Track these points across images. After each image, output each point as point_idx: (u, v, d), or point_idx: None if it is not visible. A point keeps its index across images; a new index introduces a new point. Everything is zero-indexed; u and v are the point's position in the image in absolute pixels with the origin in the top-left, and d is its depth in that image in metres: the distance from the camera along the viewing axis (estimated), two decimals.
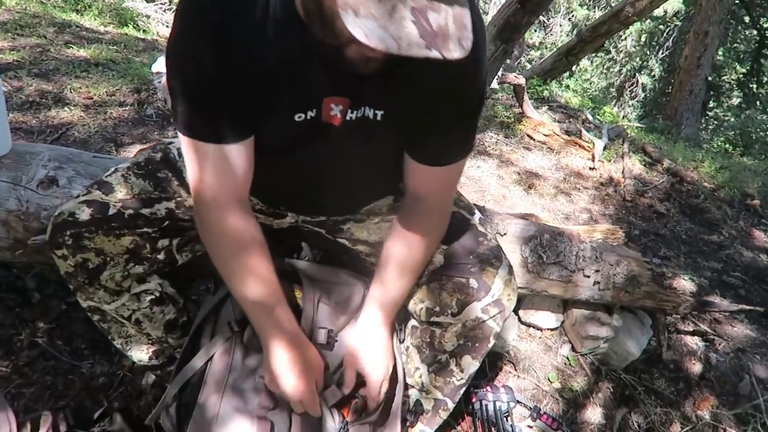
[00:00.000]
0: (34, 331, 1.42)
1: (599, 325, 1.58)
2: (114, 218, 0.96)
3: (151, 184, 1.01)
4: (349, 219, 1.10)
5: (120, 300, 1.04)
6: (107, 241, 0.96)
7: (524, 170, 2.91)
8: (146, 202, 0.99)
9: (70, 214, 0.95)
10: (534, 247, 1.43)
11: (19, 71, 2.70)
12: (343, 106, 0.84)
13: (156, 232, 1.01)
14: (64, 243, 0.95)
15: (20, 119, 2.32)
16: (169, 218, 1.01)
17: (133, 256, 1.00)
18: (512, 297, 1.00)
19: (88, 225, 0.95)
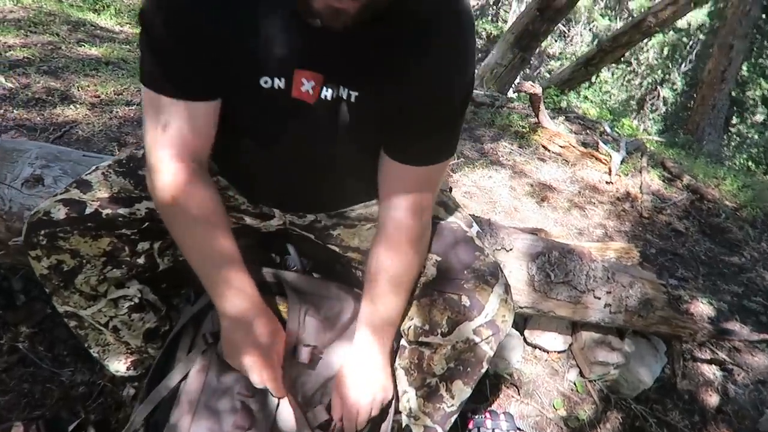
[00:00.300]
0: (15, 336, 1.36)
1: (609, 350, 1.48)
2: (90, 218, 0.92)
3: (131, 183, 0.96)
4: (339, 224, 1.04)
5: (96, 305, 0.99)
6: (83, 242, 0.92)
7: (537, 182, 2.82)
8: (125, 202, 0.95)
9: (45, 213, 0.91)
10: (542, 265, 1.34)
11: (28, 68, 2.68)
12: (316, 82, 0.79)
13: (135, 234, 0.96)
14: (39, 243, 0.91)
15: (24, 116, 2.30)
16: (149, 219, 0.96)
17: (111, 259, 0.95)
18: (508, 318, 0.93)
19: (63, 225, 0.91)
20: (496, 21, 12.55)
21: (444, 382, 0.95)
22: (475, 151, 3.02)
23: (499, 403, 1.45)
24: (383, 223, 0.90)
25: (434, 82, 0.78)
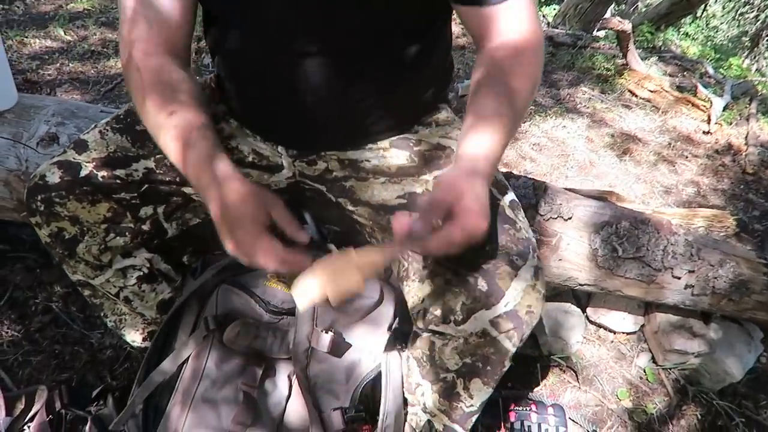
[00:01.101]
0: (50, 295, 1.36)
1: (690, 336, 1.26)
2: (85, 181, 0.86)
3: (128, 139, 0.89)
4: (351, 176, 0.90)
5: (104, 275, 0.94)
6: (81, 207, 0.86)
7: (620, 132, 2.49)
8: (122, 162, 0.88)
9: (41, 177, 0.86)
10: (607, 237, 1.13)
11: (87, 20, 2.68)
12: None
13: (135, 198, 0.89)
14: (37, 209, 0.87)
15: (79, 69, 2.30)
16: (147, 180, 0.89)
17: (113, 226, 0.89)
18: (535, 310, 0.75)
19: (58, 189, 0.85)
20: None
21: (461, 378, 0.81)
22: (549, 98, 2.72)
23: (551, 390, 1.28)
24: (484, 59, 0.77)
25: None
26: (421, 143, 0.89)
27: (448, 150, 0.88)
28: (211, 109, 0.93)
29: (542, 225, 1.12)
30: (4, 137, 1.17)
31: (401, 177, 0.86)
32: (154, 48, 0.79)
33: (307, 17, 0.75)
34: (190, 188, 0.92)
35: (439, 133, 0.91)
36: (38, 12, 2.68)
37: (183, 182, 0.91)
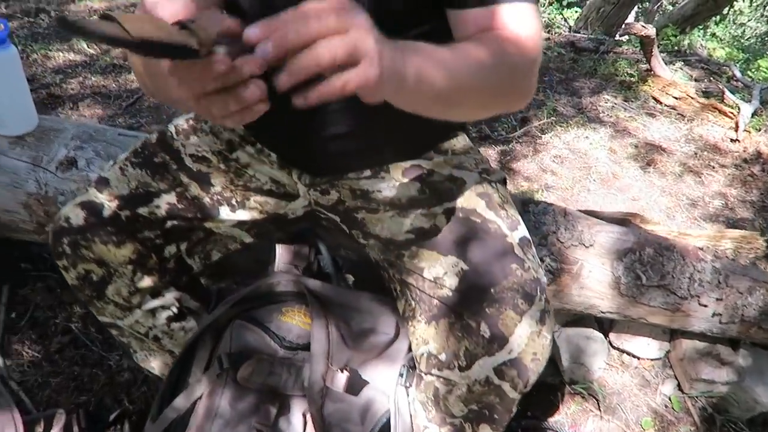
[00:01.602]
0: (69, 316, 1.37)
1: (717, 364, 1.22)
2: (110, 222, 0.86)
3: (148, 173, 0.89)
4: (363, 207, 0.88)
5: (132, 316, 0.94)
6: (106, 249, 0.86)
7: (644, 142, 2.44)
8: (144, 199, 0.88)
9: (65, 220, 0.87)
10: (630, 264, 1.10)
11: None
12: None
13: (159, 237, 0.90)
14: (64, 253, 0.87)
15: (101, 83, 2.32)
16: (171, 216, 0.89)
17: (139, 267, 0.90)
18: (540, 357, 0.73)
19: (83, 231, 0.86)
20: None
21: (469, 423, 0.79)
22: (570, 107, 2.67)
23: (572, 419, 1.25)
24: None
25: None
26: (434, 174, 0.87)
27: (460, 182, 0.85)
28: (227, 135, 0.93)
29: (563, 252, 1.09)
30: (24, 161, 1.19)
31: (411, 209, 0.85)
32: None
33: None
34: (210, 222, 0.92)
35: (453, 163, 0.89)
36: None
37: (204, 216, 0.91)
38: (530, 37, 0.66)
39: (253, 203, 0.92)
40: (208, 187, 0.90)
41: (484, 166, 0.90)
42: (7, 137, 1.20)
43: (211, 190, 0.90)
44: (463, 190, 0.84)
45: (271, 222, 0.95)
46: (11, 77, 1.14)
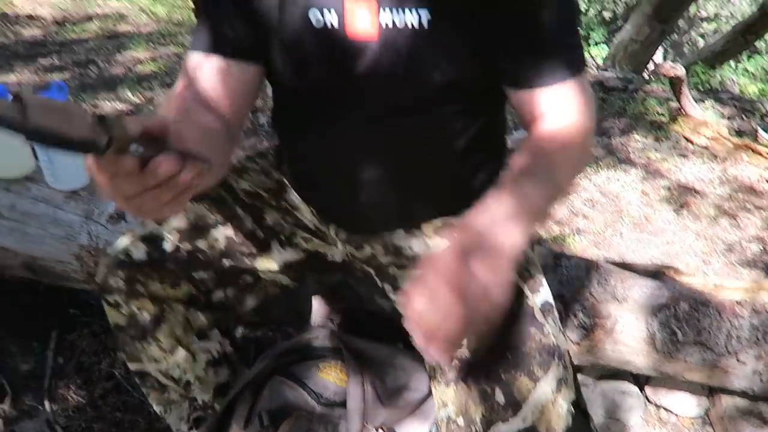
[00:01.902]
0: (113, 361, 1.42)
1: (760, 423, 1.18)
2: (170, 257, 0.86)
3: (206, 206, 0.90)
4: (394, 263, 0.90)
5: (173, 358, 0.95)
6: (162, 288, 0.87)
7: (677, 184, 2.42)
8: (202, 231, 0.89)
9: (125, 253, 0.86)
10: (665, 320, 1.09)
11: (153, 81, 2.86)
12: (370, 9, 0.68)
13: (212, 279, 0.90)
14: (117, 287, 0.86)
15: None
16: (227, 252, 0.90)
17: (192, 306, 0.91)
18: (556, 426, 0.72)
19: (143, 266, 0.85)
20: None
21: None
22: (600, 148, 2.68)
23: None
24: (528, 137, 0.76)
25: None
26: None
27: None
28: (277, 176, 0.96)
29: (596, 307, 1.09)
30: (78, 214, 1.26)
31: None
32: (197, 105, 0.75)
33: (356, 110, 0.77)
34: (262, 258, 0.93)
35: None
36: (110, 75, 2.88)
37: (256, 251, 0.92)
38: (589, 110, 0.74)
39: (299, 239, 0.94)
40: (261, 221, 0.92)
41: None
42: (62, 192, 1.28)
43: (263, 224, 0.92)
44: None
45: (312, 263, 0.97)
46: None
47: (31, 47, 3.01)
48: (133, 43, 3.25)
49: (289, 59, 0.77)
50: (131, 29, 3.49)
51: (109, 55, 3.08)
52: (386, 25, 0.69)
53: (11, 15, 3.35)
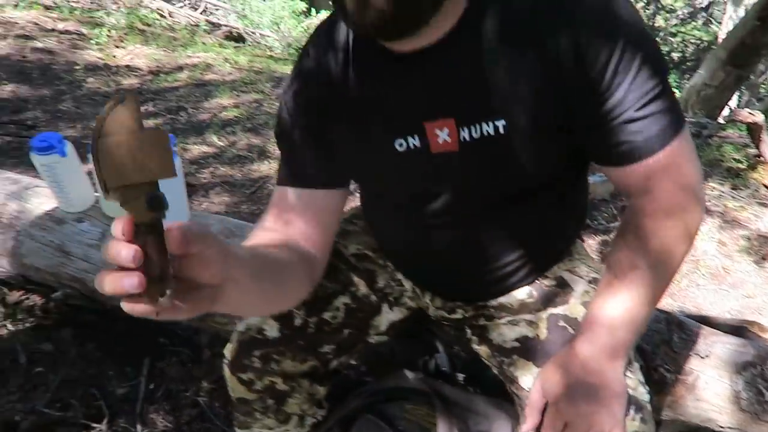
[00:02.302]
0: (198, 390, 1.51)
1: None
2: (300, 334, 0.90)
3: (324, 276, 0.91)
4: (481, 315, 0.93)
5: (284, 426, 0.99)
6: (292, 365, 0.90)
7: (756, 234, 2.33)
8: (325, 302, 0.93)
9: (258, 331, 0.89)
10: (751, 379, 1.06)
11: (236, 126, 3.06)
12: (449, 128, 0.72)
13: (333, 350, 0.94)
14: (250, 365, 0.88)
15: (228, 173, 2.62)
16: (346, 322, 0.93)
17: (315, 379, 0.96)
18: None
19: (277, 344, 0.88)
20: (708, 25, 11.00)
21: None
22: None
23: None
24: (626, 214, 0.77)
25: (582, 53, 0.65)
26: (546, 278, 0.91)
27: (568, 288, 0.88)
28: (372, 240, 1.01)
29: (678, 362, 1.08)
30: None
31: (521, 314, 0.88)
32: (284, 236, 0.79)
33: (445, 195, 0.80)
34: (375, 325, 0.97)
35: (566, 267, 0.92)
36: (197, 120, 3.11)
37: (372, 314, 0.96)
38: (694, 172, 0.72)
39: (405, 299, 0.99)
40: (374, 284, 0.97)
41: (595, 275, 0.92)
42: None
43: (375, 287, 0.97)
44: (569, 297, 0.87)
45: (413, 320, 1.01)
46: (175, 180, 1.36)
47: None
48: (219, 90, 3.50)
49: (374, 178, 0.83)
50: (216, 77, 3.76)
51: (197, 102, 3.33)
52: (464, 138, 0.72)
53: (113, 66, 3.70)
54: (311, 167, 0.80)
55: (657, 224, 0.72)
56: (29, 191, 1.54)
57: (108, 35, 4.10)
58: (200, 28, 5.20)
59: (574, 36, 0.64)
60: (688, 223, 0.72)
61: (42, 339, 1.54)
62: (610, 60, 0.64)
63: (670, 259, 0.73)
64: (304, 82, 0.79)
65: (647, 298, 0.73)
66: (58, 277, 1.47)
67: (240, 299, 0.59)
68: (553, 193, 0.82)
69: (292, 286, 0.76)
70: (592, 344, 0.74)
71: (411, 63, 0.70)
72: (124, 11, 4.69)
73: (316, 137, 0.80)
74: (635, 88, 0.66)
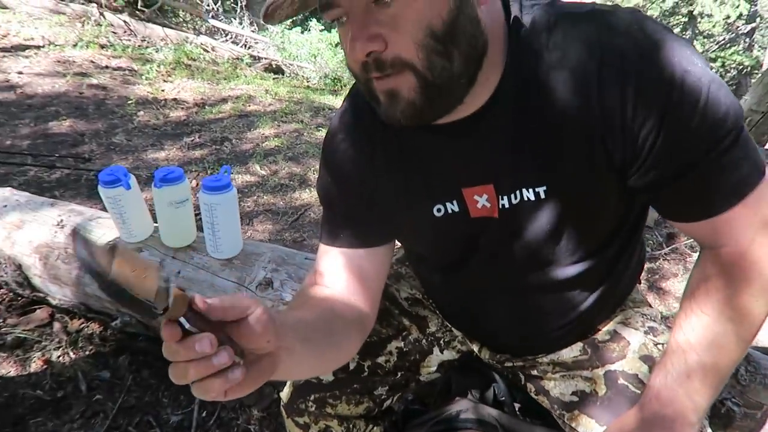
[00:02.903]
0: (249, 418, 1.53)
1: None
2: (356, 377, 0.90)
3: (376, 321, 0.90)
4: (534, 367, 0.92)
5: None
6: (347, 408, 0.91)
7: None
8: (379, 346, 0.94)
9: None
10: None
11: (277, 156, 3.15)
12: (488, 194, 0.71)
13: (387, 392, 0.95)
14: (306, 410, 0.89)
15: (271, 201, 2.68)
16: (398, 365, 0.95)
17: (371, 421, 0.97)
18: None
19: (332, 388, 0.89)
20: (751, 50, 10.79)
21: None
22: None
23: None
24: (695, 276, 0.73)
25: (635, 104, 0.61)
26: (598, 332, 0.88)
27: (623, 342, 0.85)
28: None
29: (745, 396, 1.04)
30: (232, 281, 1.41)
31: (575, 370, 0.86)
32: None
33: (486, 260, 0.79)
34: (426, 366, 0.98)
35: (620, 319, 0.88)
36: (241, 150, 3.21)
37: (421, 358, 0.96)
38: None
39: (456, 343, 0.99)
40: (425, 329, 0.97)
41: (652, 324, 0.88)
42: (219, 260, 1.45)
43: (427, 332, 0.97)
44: (626, 351, 0.84)
45: (464, 361, 1.01)
46: (231, 212, 1.40)
47: (177, 127, 3.44)
48: (260, 121, 3.60)
49: (415, 241, 0.84)
50: (258, 108, 3.88)
51: (240, 132, 3.43)
52: (503, 206, 0.71)
53: (161, 99, 3.85)
54: (354, 230, 0.81)
55: (732, 283, 0.68)
56: (92, 222, 1.61)
57: (157, 70, 4.30)
58: (242, 61, 5.39)
59: (623, 88, 0.60)
60: (766, 275, 0.67)
61: (100, 366, 1.59)
62: (664, 117, 0.60)
63: (752, 334, 0.69)
64: (342, 158, 0.79)
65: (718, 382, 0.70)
66: (117, 306, 1.53)
67: (296, 365, 0.62)
68: (609, 250, 0.77)
69: (345, 344, 0.78)
70: (665, 371, 0.72)
71: (447, 134, 0.69)
72: (171, 47, 4.92)
73: (356, 205, 0.80)
74: (701, 139, 0.61)
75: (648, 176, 0.65)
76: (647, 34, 0.61)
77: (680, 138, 0.61)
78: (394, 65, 0.59)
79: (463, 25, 0.59)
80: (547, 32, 0.64)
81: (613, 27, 0.61)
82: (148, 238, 1.52)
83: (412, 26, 0.57)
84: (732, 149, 0.62)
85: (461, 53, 0.60)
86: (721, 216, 0.65)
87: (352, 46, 0.58)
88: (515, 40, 0.65)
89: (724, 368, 0.70)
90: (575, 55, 0.62)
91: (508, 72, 0.65)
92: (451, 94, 0.62)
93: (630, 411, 0.74)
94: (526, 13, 0.66)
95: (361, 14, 0.58)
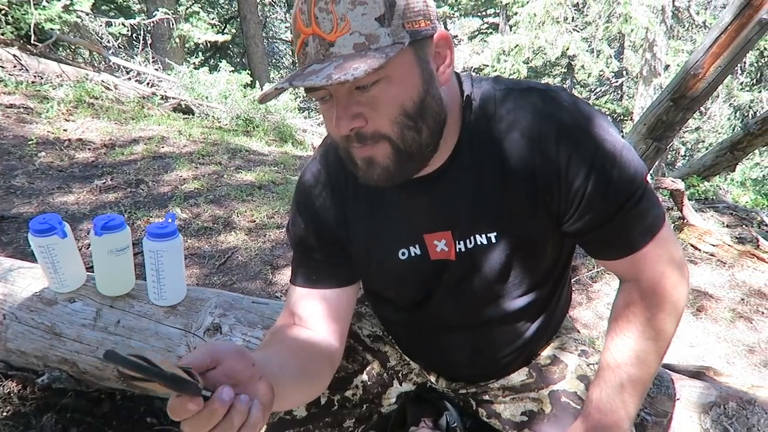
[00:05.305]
0: None
1: None
2: (326, 411, 0.97)
3: (343, 357, 0.97)
4: (486, 392, 1.03)
5: None
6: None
7: (690, 289, 2.58)
8: (346, 381, 1.01)
9: (286, 412, 0.95)
10: (717, 418, 1.21)
11: (198, 198, 3.10)
12: (446, 239, 0.83)
13: (354, 423, 1.01)
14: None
15: (196, 245, 2.63)
16: (364, 398, 1.02)
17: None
18: None
19: (306, 422, 0.95)
20: (620, 100, 12.23)
21: None
22: None
23: None
24: (616, 304, 0.88)
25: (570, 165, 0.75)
26: (540, 357, 1.01)
27: (562, 365, 0.99)
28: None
29: (654, 405, 1.22)
30: (178, 328, 1.40)
31: (523, 392, 0.98)
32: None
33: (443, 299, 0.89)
34: (386, 398, 1.05)
35: (556, 345, 1.02)
36: (158, 193, 3.12)
37: (382, 391, 1.03)
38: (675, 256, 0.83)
39: (413, 375, 1.07)
40: (386, 363, 1.05)
41: (583, 347, 1.03)
42: (163, 307, 1.43)
43: (387, 366, 1.05)
44: (565, 373, 0.97)
45: (420, 391, 1.09)
46: (176, 258, 1.40)
47: (85, 168, 3.28)
48: (177, 163, 3.53)
49: (382, 281, 0.93)
50: (173, 150, 3.80)
51: (156, 175, 3.34)
52: (460, 249, 0.83)
53: (64, 140, 3.66)
54: (330, 271, 0.90)
55: (650, 308, 0.83)
56: (13, 272, 1.52)
57: (57, 109, 4.08)
58: (148, 100, 5.24)
59: (562, 149, 0.74)
60: (674, 300, 0.84)
61: (22, 428, 1.48)
62: (591, 173, 0.75)
63: (666, 347, 0.86)
64: (318, 208, 0.89)
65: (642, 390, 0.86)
66: (45, 360, 1.45)
67: (286, 398, 0.72)
68: (548, 284, 0.91)
69: (321, 376, 0.86)
70: (601, 386, 0.86)
71: (412, 189, 0.80)
72: (71, 84, 4.69)
73: (331, 249, 0.90)
74: (620, 191, 0.76)
75: (579, 223, 0.80)
76: (579, 108, 0.78)
77: (604, 189, 0.76)
78: (373, 137, 0.71)
79: (430, 104, 0.72)
80: (495, 102, 0.79)
81: (556, 101, 0.77)
82: (80, 288, 1.47)
83: (389, 107, 0.69)
84: (642, 200, 0.78)
85: (428, 127, 0.72)
86: (637, 253, 0.81)
87: (337, 123, 0.69)
88: (469, 110, 0.79)
89: (648, 380, 0.86)
90: (525, 121, 0.77)
91: (463, 137, 0.79)
92: (419, 160, 0.75)
93: (575, 423, 0.87)
94: (476, 87, 0.80)
95: (344, 97, 0.69)
